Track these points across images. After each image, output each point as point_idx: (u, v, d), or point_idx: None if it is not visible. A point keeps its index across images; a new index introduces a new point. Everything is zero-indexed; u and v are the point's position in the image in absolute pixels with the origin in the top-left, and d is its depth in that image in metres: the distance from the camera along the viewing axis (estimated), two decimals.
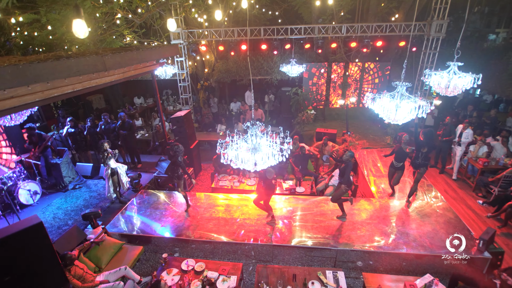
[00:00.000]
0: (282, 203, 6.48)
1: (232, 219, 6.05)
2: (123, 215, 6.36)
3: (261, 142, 3.58)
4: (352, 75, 11.86)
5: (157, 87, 8.13)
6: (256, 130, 3.47)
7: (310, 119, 10.17)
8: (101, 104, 14.80)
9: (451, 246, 4.58)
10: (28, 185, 6.83)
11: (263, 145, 3.53)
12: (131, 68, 6.63)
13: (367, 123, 11.37)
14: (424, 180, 7.16)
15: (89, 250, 5.11)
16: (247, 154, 3.44)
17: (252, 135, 3.50)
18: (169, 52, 7.60)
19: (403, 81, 4.03)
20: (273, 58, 12.36)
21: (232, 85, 14.00)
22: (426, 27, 9.71)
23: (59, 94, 4.75)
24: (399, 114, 4.06)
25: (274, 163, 3.52)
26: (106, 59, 5.19)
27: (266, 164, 3.49)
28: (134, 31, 11.36)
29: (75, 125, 8.52)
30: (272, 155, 3.53)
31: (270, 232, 5.61)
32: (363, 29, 9.78)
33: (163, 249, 5.88)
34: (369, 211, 6.09)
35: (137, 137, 10.39)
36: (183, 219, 6.18)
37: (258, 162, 3.46)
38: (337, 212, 5.98)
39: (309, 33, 9.98)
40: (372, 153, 8.72)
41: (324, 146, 8.46)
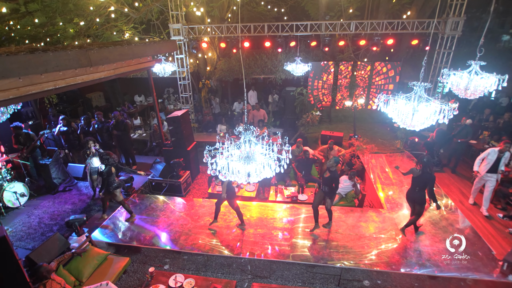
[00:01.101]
0: (282, 212, 5.98)
1: (228, 229, 5.58)
2: (111, 221, 5.94)
3: (255, 150, 3.10)
4: (361, 75, 11.28)
5: (153, 85, 7.71)
6: (250, 136, 2.99)
7: (315, 120, 9.65)
8: (101, 102, 14.48)
9: (451, 246, 4.49)
10: (15, 186, 6.45)
11: (258, 153, 3.04)
12: (123, 64, 6.20)
13: (375, 126, 10.79)
14: (437, 190, 6.60)
15: (70, 261, 4.69)
16: (239, 164, 2.95)
17: (245, 142, 3.01)
18: (166, 48, 7.15)
19: (421, 81, 3.50)
20: (277, 56, 11.85)
21: (234, 84, 13.53)
22: (441, 24, 9.10)
23: (38, 91, 4.33)
24: (416, 119, 3.53)
25: (270, 174, 3.03)
26: (92, 53, 4.75)
27: (261, 175, 3.00)
28: (134, 27, 10.99)
29: (68, 123, 8.14)
30: (268, 165, 3.04)
31: (267, 245, 5.12)
32: (373, 26, 9.22)
33: (152, 260, 5.45)
34: (377, 224, 5.56)
35: (134, 137, 10.01)
36: (175, 227, 5.74)
37: (252, 174, 2.97)
38: (342, 224, 5.47)
39: (315, 30, 9.45)
40: (380, 158, 8.17)
41: (330, 150, 7.93)
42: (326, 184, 5.04)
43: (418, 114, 3.51)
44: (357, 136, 8.93)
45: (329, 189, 5.05)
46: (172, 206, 6.38)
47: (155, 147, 9.25)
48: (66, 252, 4.70)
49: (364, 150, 8.19)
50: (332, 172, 4.94)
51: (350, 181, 6.40)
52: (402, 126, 3.71)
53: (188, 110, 8.76)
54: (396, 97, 3.59)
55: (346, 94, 11.43)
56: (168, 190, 7.21)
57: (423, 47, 9.57)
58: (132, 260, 5.44)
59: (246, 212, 6.06)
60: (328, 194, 5.10)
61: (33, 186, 7.34)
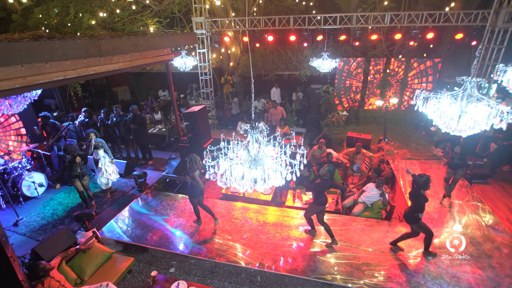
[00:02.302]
0: (299, 220, 5.47)
1: (238, 234, 5.19)
2: (121, 218, 5.78)
3: (264, 152, 2.64)
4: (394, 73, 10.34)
5: (171, 79, 7.51)
6: (258, 135, 2.54)
7: (341, 121, 8.95)
8: (127, 96, 14.73)
9: (451, 246, 4.36)
10: (33, 176, 6.53)
11: (267, 156, 2.58)
12: (139, 56, 5.99)
13: (409, 129, 9.85)
14: (481, 205, 5.74)
15: (74, 258, 4.54)
16: (244, 168, 2.52)
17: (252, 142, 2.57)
18: (185, 40, 6.87)
19: (473, 76, 2.83)
20: (303, 51, 11.22)
21: (257, 80, 13.08)
22: (491, 16, 7.99)
23: (47, 81, 4.18)
24: (463, 122, 2.88)
25: (280, 183, 2.56)
26: (102, 43, 4.54)
27: (269, 183, 2.55)
28: (158, 21, 10.91)
29: (90, 115, 8.20)
30: (278, 171, 2.57)
31: (280, 256, 4.65)
32: (411, 18, 8.32)
33: (159, 261, 5.21)
34: (407, 241, 4.87)
35: (154, 132, 9.94)
36: (184, 228, 5.45)
37: (258, 180, 2.53)
38: (366, 238, 4.86)
39: (345, 23, 8.73)
40: (414, 165, 7.34)
41: (356, 154, 7.24)
42: (312, 192, 4.58)
43: (466, 116, 2.84)
44: (387, 139, 8.14)
45: (315, 198, 4.64)
46: (183, 206, 6.10)
47: (173, 143, 9.09)
48: (71, 248, 4.57)
49: (394, 155, 7.41)
50: (323, 181, 4.54)
51: (377, 189, 5.71)
52: (445, 131, 3.07)
53: (206, 105, 8.46)
54: (439, 95, 2.95)
55: (377, 93, 10.54)
56: (182, 188, 6.97)
57: (469, 42, 8.50)
58: (138, 260, 5.24)
59: (259, 216, 5.63)
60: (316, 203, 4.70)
61: (53, 177, 7.45)
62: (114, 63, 5.46)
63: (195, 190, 5.13)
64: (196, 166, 5.00)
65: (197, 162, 5.01)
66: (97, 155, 6.15)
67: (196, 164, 5.00)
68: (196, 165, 5.00)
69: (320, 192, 4.65)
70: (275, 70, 11.39)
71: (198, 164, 5.00)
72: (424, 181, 4.22)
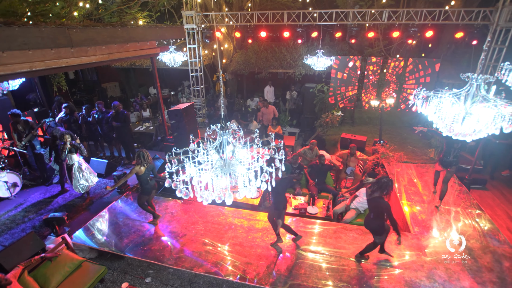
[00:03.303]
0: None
1: (221, 242, 4.81)
2: (97, 222, 5.38)
3: (238, 156, 2.27)
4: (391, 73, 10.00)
5: (157, 75, 7.13)
6: (229, 136, 2.17)
7: (335, 121, 8.60)
8: (116, 93, 14.27)
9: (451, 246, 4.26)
10: (6, 176, 6.11)
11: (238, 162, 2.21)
12: (120, 48, 5.59)
13: (405, 131, 9.52)
14: (481, 214, 5.42)
15: (38, 266, 4.15)
16: (211, 175, 2.14)
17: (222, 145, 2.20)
18: (170, 33, 6.50)
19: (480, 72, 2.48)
20: (297, 49, 10.85)
21: (250, 78, 12.70)
22: (493, 14, 7.67)
23: (9, 73, 3.77)
24: (467, 125, 2.53)
25: (252, 194, 2.19)
26: (73, 32, 4.14)
27: (241, 193, 2.17)
28: (148, 15, 10.49)
29: (71, 112, 7.76)
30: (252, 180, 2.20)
31: (264, 267, 4.29)
32: (409, 15, 7.98)
33: (135, 270, 4.85)
34: (401, 251, 4.53)
35: (141, 130, 9.53)
36: (164, 234, 5.07)
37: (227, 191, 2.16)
38: (358, 249, 4.51)
39: (341, 19, 8.38)
40: (410, 169, 7.01)
41: (350, 156, 6.89)
42: (272, 196, 4.26)
43: (471, 118, 2.49)
44: (382, 141, 7.80)
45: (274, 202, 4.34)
46: (164, 209, 5.72)
47: (160, 142, 8.69)
48: (35, 256, 4.18)
49: (390, 158, 7.07)
50: (280, 180, 4.04)
51: None
52: (446, 134, 2.71)
53: (194, 103, 8.07)
54: (441, 94, 2.60)
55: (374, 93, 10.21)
56: (166, 189, 6.57)
57: (469, 41, 8.17)
58: (112, 268, 4.88)
59: (244, 222, 5.26)
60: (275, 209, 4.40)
61: (31, 176, 7.04)
62: (90, 55, 5.06)
63: (144, 187, 4.96)
64: (144, 162, 4.81)
65: (145, 157, 4.82)
66: (70, 160, 5.67)
67: (143, 159, 4.80)
68: (144, 161, 4.81)
69: (277, 193, 4.29)
70: (269, 67, 11.01)
71: (146, 160, 4.83)
72: (386, 180, 3.81)
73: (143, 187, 5.00)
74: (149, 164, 4.90)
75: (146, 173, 4.89)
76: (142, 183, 4.95)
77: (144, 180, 4.91)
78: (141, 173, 4.85)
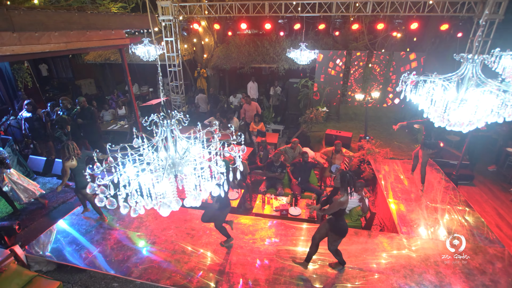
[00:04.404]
0: (266, 231, 4.69)
1: (194, 249, 4.35)
2: (56, 230, 4.81)
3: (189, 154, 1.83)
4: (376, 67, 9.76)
5: (127, 70, 6.59)
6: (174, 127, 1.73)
7: (319, 117, 8.27)
8: (92, 90, 13.51)
9: (451, 246, 4.11)
10: None
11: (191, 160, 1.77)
12: (80, 37, 5.02)
13: (391, 126, 9.26)
14: (470, 211, 5.17)
15: None
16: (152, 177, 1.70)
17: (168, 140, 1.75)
18: (138, 22, 5.95)
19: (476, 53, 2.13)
20: (281, 43, 10.46)
21: (232, 73, 12.22)
22: (478, 6, 7.51)
23: None
24: (463, 113, 2.17)
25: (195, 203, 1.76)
26: (14, 14, 3.57)
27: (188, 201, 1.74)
28: (123, 7, 9.83)
29: (34, 109, 7.09)
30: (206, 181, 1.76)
31: (240, 277, 3.86)
32: (394, 7, 7.72)
33: (98, 283, 4.33)
34: (388, 253, 4.20)
35: (115, 128, 8.93)
36: (129, 243, 4.55)
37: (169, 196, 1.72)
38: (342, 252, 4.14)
39: (325, 10, 8.03)
40: (396, 165, 6.75)
41: (335, 153, 6.56)
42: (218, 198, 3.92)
43: (466, 106, 2.14)
44: (368, 137, 7.52)
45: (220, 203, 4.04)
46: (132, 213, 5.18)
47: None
48: None
49: (376, 155, 6.79)
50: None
51: (356, 194, 5.03)
52: (438, 124, 2.36)
53: (171, 99, 7.54)
54: (432, 77, 2.23)
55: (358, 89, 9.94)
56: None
57: (454, 33, 8.00)
58: (73, 281, 4.35)
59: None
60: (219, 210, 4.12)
61: None
62: (43, 43, 4.48)
63: (78, 181, 4.59)
64: (70, 155, 4.47)
65: (69, 149, 4.46)
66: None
67: (67, 152, 4.45)
68: (69, 153, 4.46)
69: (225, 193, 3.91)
70: (251, 62, 10.58)
71: (72, 152, 4.48)
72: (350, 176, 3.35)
73: (79, 181, 4.61)
74: (77, 156, 4.56)
75: (80, 166, 4.55)
76: (80, 176, 4.56)
77: (80, 173, 4.52)
78: (74, 167, 4.50)
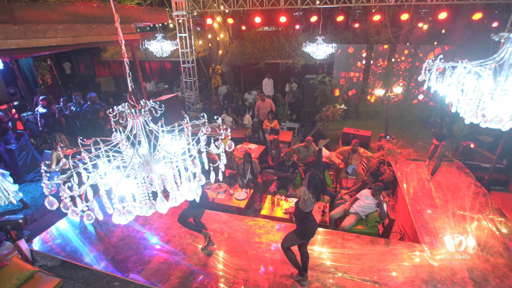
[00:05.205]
0: (274, 235, 4.40)
1: (194, 253, 4.14)
2: (62, 226, 4.79)
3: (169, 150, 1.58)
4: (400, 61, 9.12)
5: (139, 67, 6.51)
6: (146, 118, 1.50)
7: (336, 115, 7.81)
8: (111, 87, 13.78)
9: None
10: None
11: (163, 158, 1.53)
12: (89, 31, 4.96)
13: (415, 125, 8.66)
14: (504, 220, 4.59)
15: None
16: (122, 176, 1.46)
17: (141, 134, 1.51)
18: (148, 16, 5.84)
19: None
20: (297, 37, 10.06)
21: (247, 70, 11.95)
22: None
23: None
24: (502, 107, 1.76)
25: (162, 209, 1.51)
26: (16, 6, 3.51)
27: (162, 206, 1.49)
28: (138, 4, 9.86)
29: (49, 105, 7.23)
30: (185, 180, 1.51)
31: (241, 284, 3.60)
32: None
33: (99, 281, 4.25)
34: (409, 267, 3.77)
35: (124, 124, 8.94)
36: (131, 241, 4.43)
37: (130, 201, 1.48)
38: (356, 264, 3.77)
39: (344, 1, 7.56)
40: (420, 168, 6.20)
41: (352, 153, 6.13)
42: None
43: (506, 97, 1.73)
44: (389, 137, 6.99)
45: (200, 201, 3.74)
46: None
47: None
48: None
49: (397, 156, 6.27)
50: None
51: (373, 198, 4.60)
52: (470, 121, 1.96)
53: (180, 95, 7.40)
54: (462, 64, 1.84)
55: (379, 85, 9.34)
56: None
57: (488, 24, 7.26)
58: (75, 278, 4.30)
59: (226, 229, 4.58)
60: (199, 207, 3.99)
61: None
62: (50, 37, 4.43)
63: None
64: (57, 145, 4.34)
65: (56, 141, 4.36)
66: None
67: (55, 143, 4.36)
68: (56, 144, 4.35)
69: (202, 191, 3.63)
70: (266, 58, 10.26)
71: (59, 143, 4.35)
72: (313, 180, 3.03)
73: None
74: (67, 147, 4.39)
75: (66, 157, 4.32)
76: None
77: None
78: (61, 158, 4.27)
